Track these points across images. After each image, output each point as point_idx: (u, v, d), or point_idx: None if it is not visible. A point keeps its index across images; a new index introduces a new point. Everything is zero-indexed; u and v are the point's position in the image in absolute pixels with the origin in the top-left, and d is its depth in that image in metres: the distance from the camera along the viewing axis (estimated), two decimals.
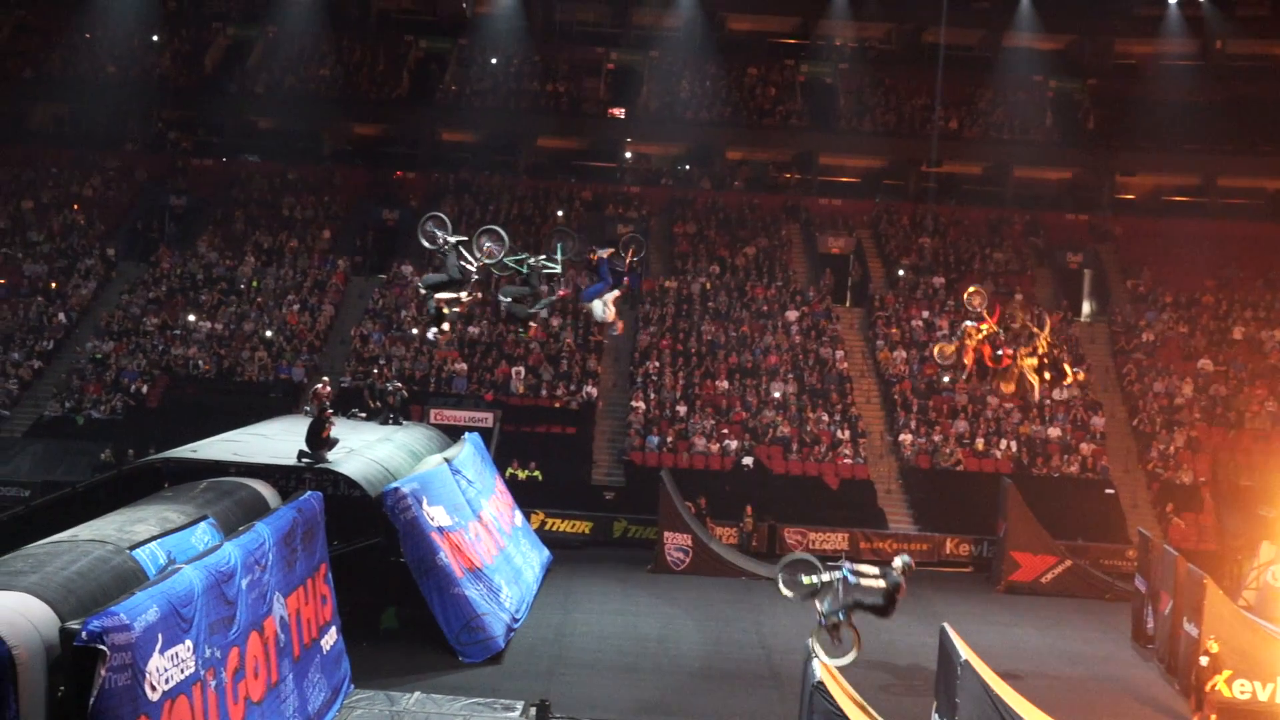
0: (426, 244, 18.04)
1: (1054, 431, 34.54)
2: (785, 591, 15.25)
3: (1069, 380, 22.54)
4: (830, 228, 43.32)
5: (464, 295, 18.04)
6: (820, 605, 14.70)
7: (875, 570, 14.86)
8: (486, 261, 18.05)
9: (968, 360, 21.28)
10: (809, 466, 33.29)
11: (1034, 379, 21.04)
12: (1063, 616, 25.98)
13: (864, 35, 47.38)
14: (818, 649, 14.39)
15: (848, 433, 34.16)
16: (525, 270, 18.36)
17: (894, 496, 33.11)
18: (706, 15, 46.44)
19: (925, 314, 38.82)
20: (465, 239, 18.13)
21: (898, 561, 14.88)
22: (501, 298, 18.58)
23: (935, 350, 23.17)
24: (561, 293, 19.86)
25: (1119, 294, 41.06)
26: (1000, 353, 20.82)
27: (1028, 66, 45.82)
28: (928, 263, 41.47)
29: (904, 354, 37.25)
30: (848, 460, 33.45)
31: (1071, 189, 46.26)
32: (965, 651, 14.91)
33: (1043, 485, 32.15)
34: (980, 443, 34.02)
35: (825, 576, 14.61)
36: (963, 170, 46.47)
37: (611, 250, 18.52)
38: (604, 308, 17.87)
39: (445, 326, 18.11)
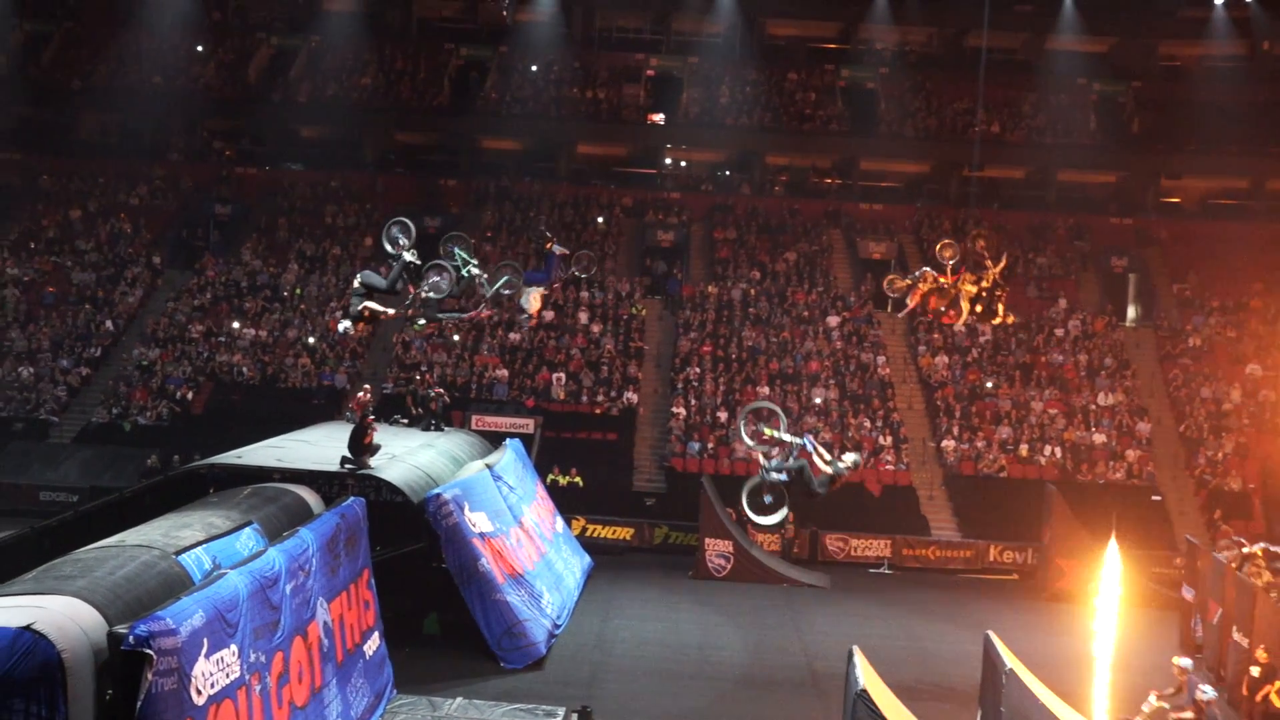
0: (388, 247, 17.92)
1: (1099, 437, 34.21)
2: (745, 437, 16.00)
3: (998, 320, 22.21)
4: (871, 233, 43.13)
5: (390, 310, 17.82)
6: (769, 461, 16.10)
7: (828, 456, 16.23)
8: (427, 294, 17.82)
9: (912, 301, 21.30)
10: (850, 473, 33.01)
11: (964, 306, 20.91)
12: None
13: (905, 39, 47.18)
14: (750, 513, 15.13)
15: (889, 439, 33.97)
16: (465, 275, 18.25)
17: (937, 503, 32.89)
18: (746, 21, 46.37)
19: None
20: (417, 263, 17.86)
21: (849, 458, 16.15)
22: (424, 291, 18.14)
23: (887, 281, 23.00)
24: (478, 314, 19.61)
25: (1165, 298, 40.62)
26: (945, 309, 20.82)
27: (1071, 69, 45.41)
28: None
29: (946, 359, 37.01)
30: (889, 466, 33.27)
31: (1116, 193, 45.80)
32: (1010, 660, 14.78)
33: (1088, 492, 31.80)
34: (1024, 449, 33.73)
35: (787, 436, 15.87)
36: (1005, 175, 46.11)
37: (567, 252, 18.88)
38: (532, 298, 18.78)
39: (358, 326, 17.93)
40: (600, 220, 42.96)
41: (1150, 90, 45.83)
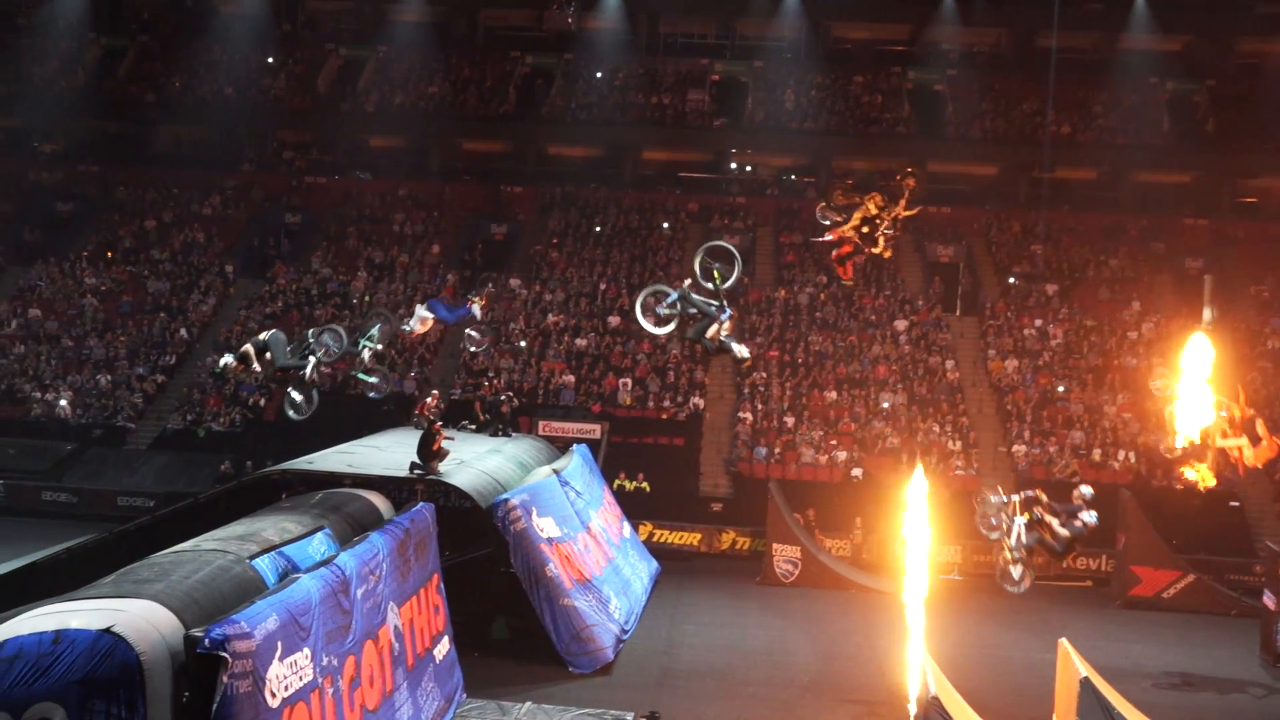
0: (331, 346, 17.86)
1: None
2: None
3: (877, 249, 20.90)
4: (939, 236, 42.72)
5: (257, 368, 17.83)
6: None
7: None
8: (318, 357, 17.88)
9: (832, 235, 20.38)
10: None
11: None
12: (1186, 633, 25.20)
13: (973, 41, 46.73)
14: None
15: (959, 443, 33.60)
16: (356, 348, 18.35)
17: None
18: (811, 24, 46.17)
19: (1039, 322, 38.06)
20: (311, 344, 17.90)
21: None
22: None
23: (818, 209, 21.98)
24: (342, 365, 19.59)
25: (1242, 300, 39.76)
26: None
27: (1143, 69, 44.66)
28: (1040, 270, 40.67)
29: (1016, 363, 36.56)
30: (959, 472, 32.89)
31: (1191, 193, 44.92)
32: (1084, 668, 14.54)
33: (1163, 497, 31.17)
34: (1097, 453, 33.20)
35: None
36: (1076, 176, 45.43)
37: (481, 319, 20.35)
38: (421, 322, 19.93)
39: (236, 365, 17.90)
40: (665, 226, 42.96)
41: (1226, 88, 44.94)
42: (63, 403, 35.23)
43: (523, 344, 37.01)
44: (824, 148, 45.31)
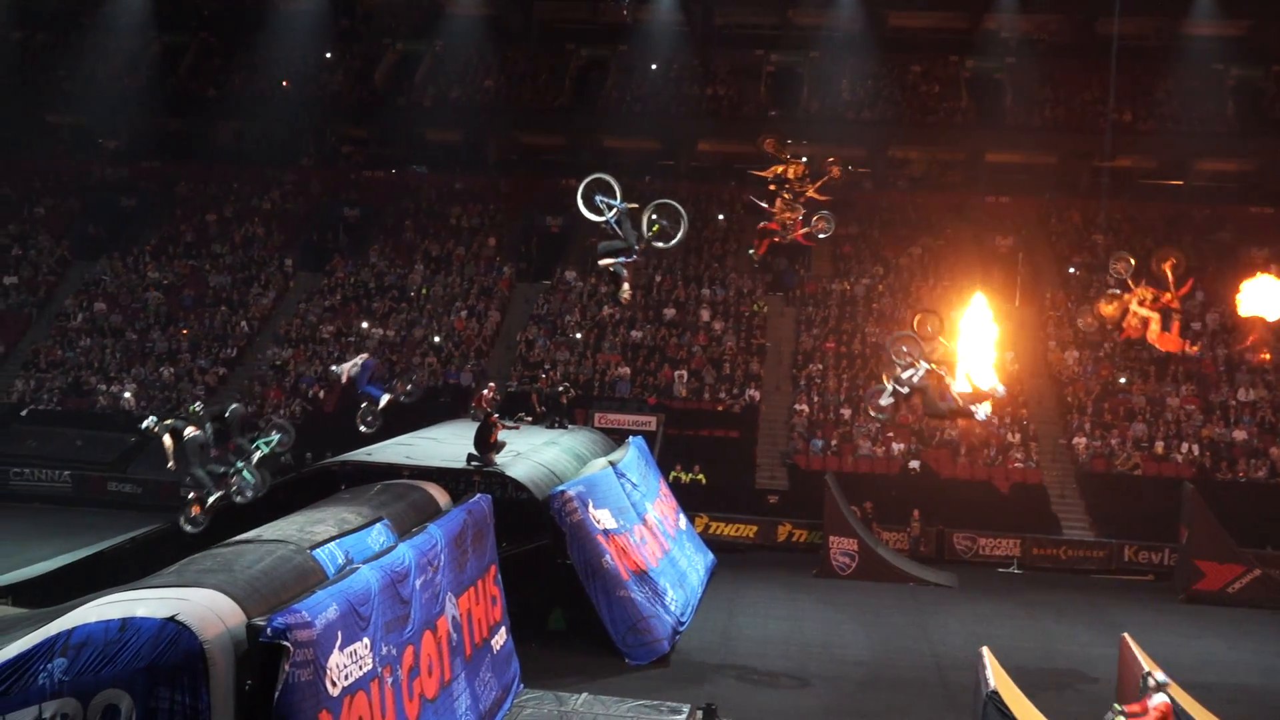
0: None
1: (1239, 434, 33.02)
2: (584, 210, 18.35)
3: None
4: (998, 226, 42.25)
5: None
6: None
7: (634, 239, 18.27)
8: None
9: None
10: (978, 470, 32.53)
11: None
12: (1252, 628, 24.77)
13: (1033, 28, 46.05)
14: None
15: (1018, 436, 33.26)
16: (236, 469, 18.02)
17: (1069, 502, 32.10)
18: (867, 13, 45.74)
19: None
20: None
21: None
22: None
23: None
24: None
25: None
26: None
27: (1206, 54, 43.76)
28: (1101, 260, 40.09)
29: (1076, 354, 36.11)
30: (1019, 464, 32.59)
31: (1257, 181, 44.08)
32: (1147, 663, 14.35)
33: (1228, 491, 30.73)
34: (1160, 446, 32.73)
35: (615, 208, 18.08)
36: (1138, 165, 44.74)
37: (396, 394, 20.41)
38: (353, 368, 20.40)
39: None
40: (720, 218, 42.86)
41: None
42: (127, 395, 35.81)
43: (578, 336, 37.12)
44: (880, 138, 44.93)
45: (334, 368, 20.27)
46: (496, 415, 22.25)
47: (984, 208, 43.01)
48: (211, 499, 16.04)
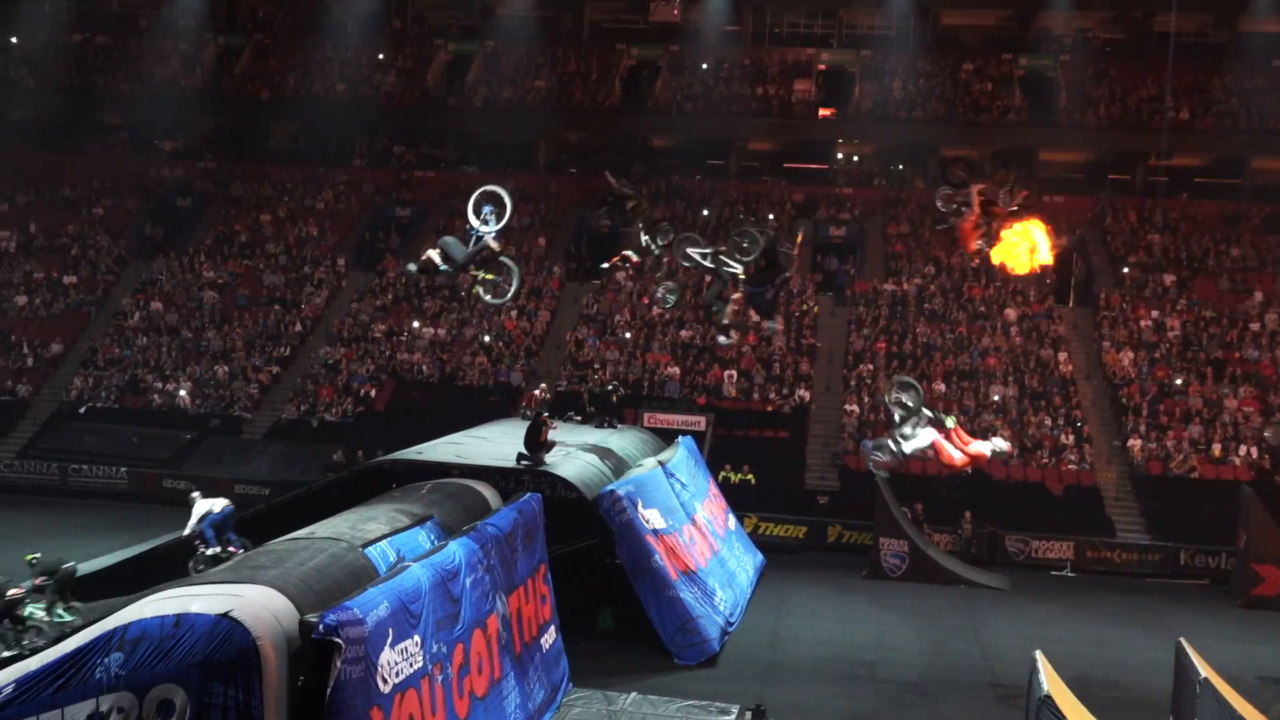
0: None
1: None
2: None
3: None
4: (1052, 225, 41.64)
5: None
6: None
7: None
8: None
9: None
10: (1031, 472, 32.20)
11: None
12: None
13: (1087, 25, 45.62)
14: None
15: (1071, 437, 32.90)
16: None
17: (1123, 504, 31.70)
18: (919, 12, 45.53)
19: (1155, 313, 37.09)
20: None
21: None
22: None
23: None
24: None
25: None
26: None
27: (1264, 50, 43.11)
28: (1157, 260, 39.60)
29: (1131, 355, 35.66)
30: (1072, 466, 32.22)
31: None
32: (1204, 669, 14.12)
33: None
34: (1217, 448, 32.24)
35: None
36: (1195, 162, 44.12)
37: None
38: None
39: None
40: (770, 217, 42.67)
41: None
42: (182, 393, 36.29)
43: (627, 336, 37.14)
44: (932, 136, 44.60)
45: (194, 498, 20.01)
46: (547, 415, 22.32)
47: (1037, 206, 42.45)
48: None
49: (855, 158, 46.95)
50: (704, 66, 46.48)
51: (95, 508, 31.73)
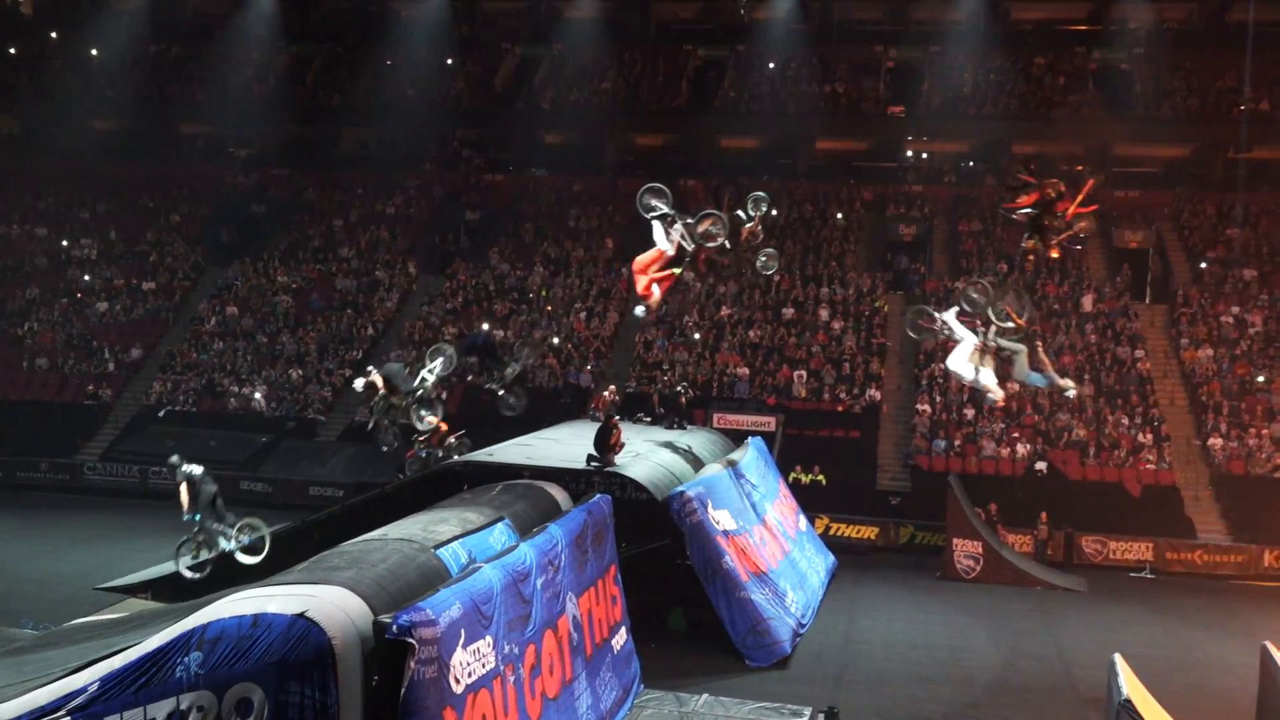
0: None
1: None
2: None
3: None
4: (1127, 221, 41.11)
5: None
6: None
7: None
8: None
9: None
10: (1108, 472, 31.66)
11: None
12: None
13: (1162, 16, 44.72)
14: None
15: (1150, 436, 32.31)
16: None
17: (1203, 504, 31.07)
18: (990, 6, 44.96)
19: (1235, 309, 36.30)
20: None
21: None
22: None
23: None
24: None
25: None
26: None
27: None
28: (1237, 255, 38.75)
29: (1211, 352, 34.94)
30: (1150, 465, 31.64)
31: None
32: None
33: None
34: None
35: None
36: (1276, 155, 43.10)
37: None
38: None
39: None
40: (839, 216, 42.46)
41: None
42: (257, 396, 36.84)
43: (696, 337, 37.08)
44: (1003, 133, 44.06)
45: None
46: (617, 416, 22.35)
47: (1112, 202, 41.85)
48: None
49: (925, 155, 46.50)
50: (771, 66, 46.28)
51: (175, 509, 32.15)
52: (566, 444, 22.85)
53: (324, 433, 36.19)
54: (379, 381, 20.08)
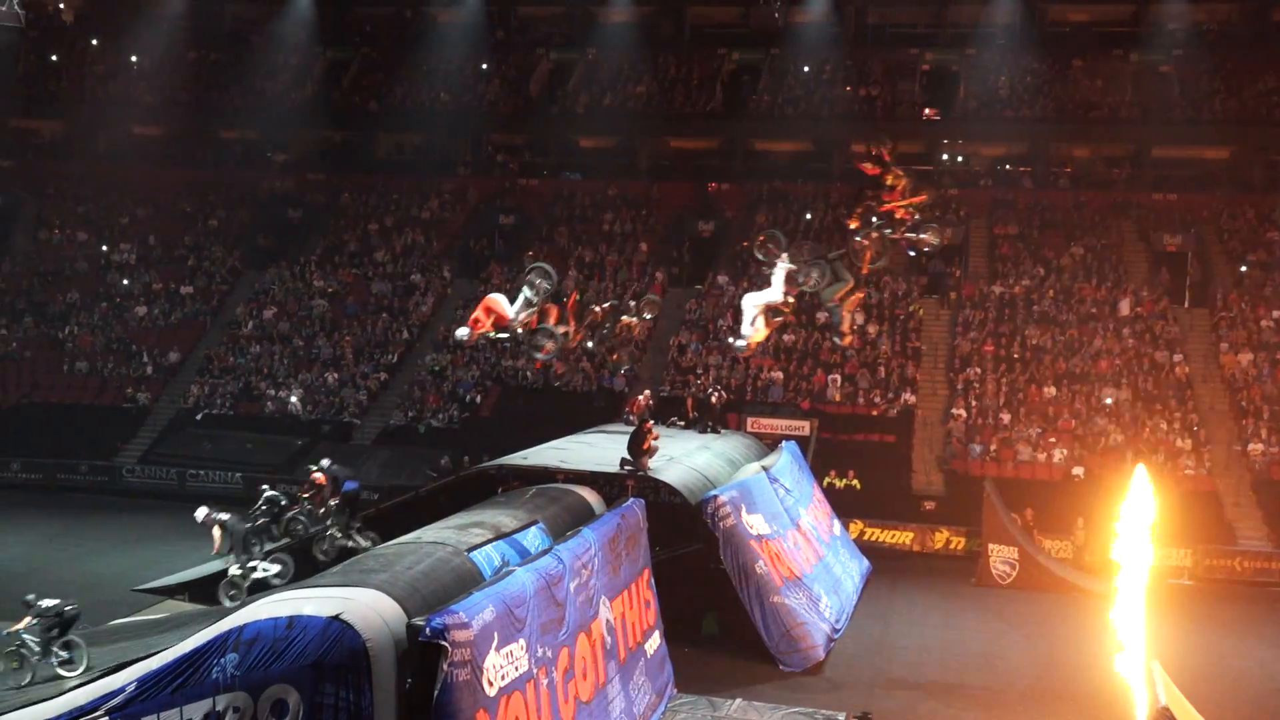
0: None
1: None
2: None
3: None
4: (1166, 224, 40.71)
5: None
6: None
7: None
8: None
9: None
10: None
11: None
12: None
13: (1202, 18, 44.30)
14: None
15: (1189, 442, 31.98)
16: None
17: (1244, 510, 30.69)
18: (1026, 8, 44.68)
19: (1276, 314, 35.87)
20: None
21: None
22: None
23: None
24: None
25: None
26: None
27: None
28: (1277, 259, 38.31)
29: (1251, 356, 34.55)
30: (1189, 471, 31.30)
31: None
32: None
33: None
34: None
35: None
36: None
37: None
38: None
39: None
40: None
41: None
42: (294, 399, 37.07)
43: (730, 340, 36.96)
44: (1041, 135, 43.78)
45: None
46: (650, 420, 22.33)
47: (1151, 205, 41.50)
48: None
49: (960, 158, 46.24)
50: (806, 69, 46.16)
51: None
52: (600, 448, 22.87)
53: (359, 436, 36.38)
54: (216, 534, 18.34)
